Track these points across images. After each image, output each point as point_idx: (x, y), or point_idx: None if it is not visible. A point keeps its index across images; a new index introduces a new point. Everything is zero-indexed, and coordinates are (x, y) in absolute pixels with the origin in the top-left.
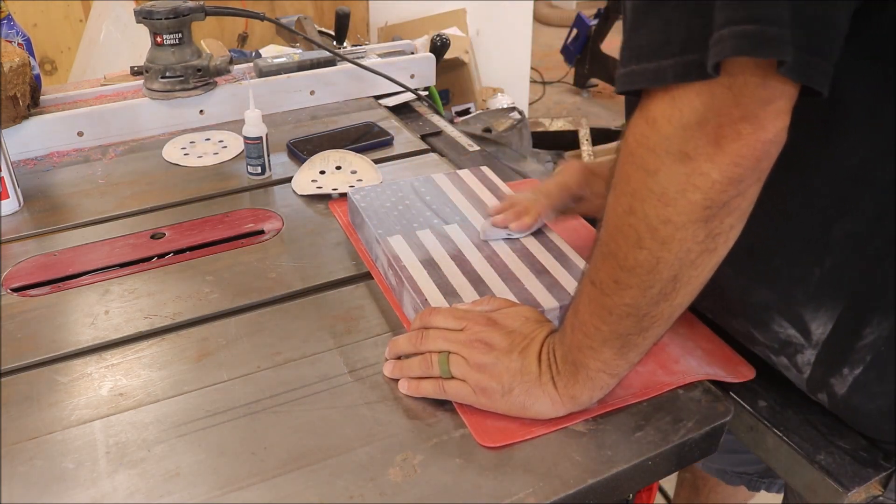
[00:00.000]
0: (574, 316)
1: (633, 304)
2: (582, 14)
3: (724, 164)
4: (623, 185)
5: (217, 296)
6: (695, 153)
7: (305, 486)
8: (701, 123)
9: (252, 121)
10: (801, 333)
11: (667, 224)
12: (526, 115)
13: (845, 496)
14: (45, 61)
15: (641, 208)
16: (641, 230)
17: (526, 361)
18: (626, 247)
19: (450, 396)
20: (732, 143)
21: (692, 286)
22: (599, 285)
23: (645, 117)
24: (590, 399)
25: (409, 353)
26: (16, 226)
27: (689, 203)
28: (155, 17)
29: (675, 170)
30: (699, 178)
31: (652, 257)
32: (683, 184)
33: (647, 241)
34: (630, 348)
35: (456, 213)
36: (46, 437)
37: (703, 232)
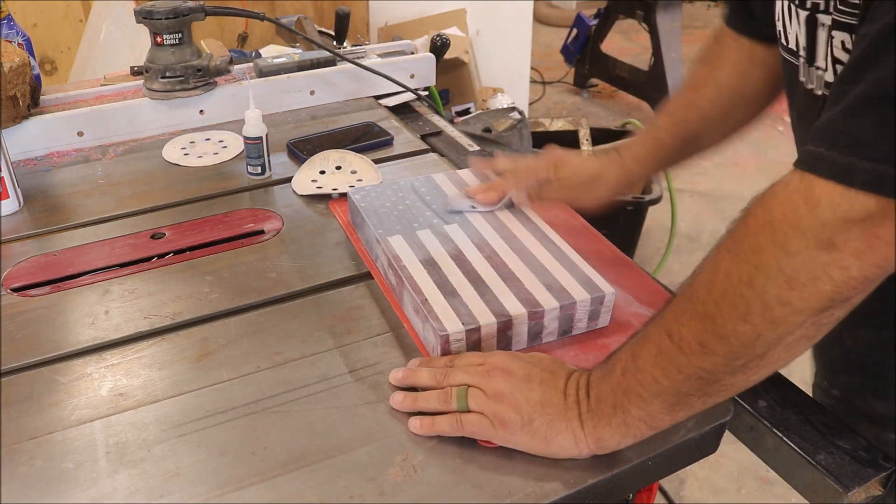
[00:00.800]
0: (631, 360)
1: (710, 371)
2: (582, 14)
3: (868, 264)
4: (750, 255)
5: (217, 296)
6: (843, 246)
7: (305, 486)
8: (863, 221)
9: (252, 121)
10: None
11: (784, 306)
12: (526, 115)
13: (845, 496)
14: (45, 61)
15: (763, 284)
16: (754, 305)
17: (548, 393)
18: (729, 315)
19: (467, 432)
20: (885, 247)
21: (775, 366)
22: (678, 341)
23: (805, 197)
24: (617, 445)
25: (428, 387)
26: (16, 226)
27: (816, 291)
28: (155, 17)
29: (816, 257)
30: (838, 270)
31: (754, 333)
32: (819, 272)
33: (756, 317)
34: (683, 408)
35: (456, 213)
36: (46, 437)
37: (813, 320)
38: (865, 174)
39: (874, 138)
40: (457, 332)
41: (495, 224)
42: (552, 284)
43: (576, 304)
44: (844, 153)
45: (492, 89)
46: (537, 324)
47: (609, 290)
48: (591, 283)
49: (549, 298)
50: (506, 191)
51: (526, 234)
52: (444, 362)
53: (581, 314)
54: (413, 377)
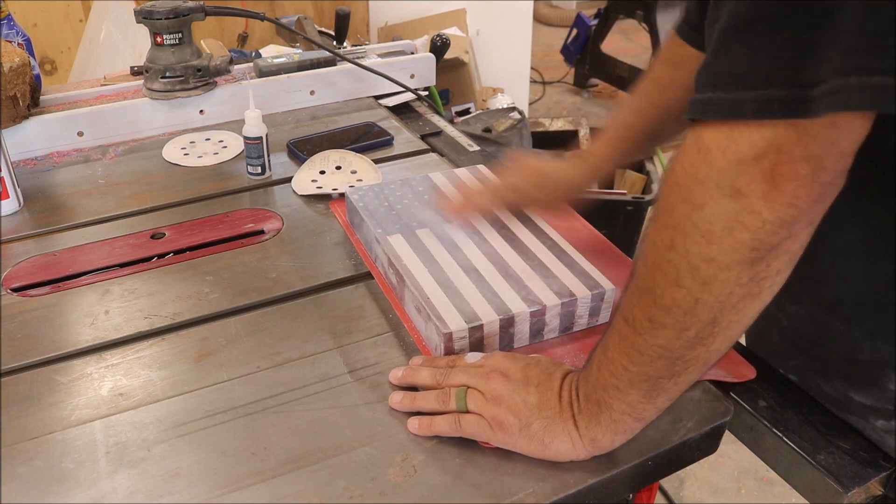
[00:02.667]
0: (602, 353)
1: (666, 346)
2: (582, 14)
3: (778, 205)
4: (665, 217)
5: (217, 296)
6: (747, 190)
7: (305, 486)
8: (758, 159)
9: (252, 121)
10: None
11: (709, 263)
12: (526, 115)
13: (845, 496)
14: (45, 61)
15: (683, 244)
16: (681, 267)
17: (544, 396)
18: (663, 283)
19: (465, 433)
20: (789, 183)
21: (731, 332)
22: (632, 323)
23: (697, 147)
24: (611, 443)
25: (428, 387)
26: (16, 226)
27: (735, 242)
28: (155, 17)
29: (723, 205)
30: (749, 216)
31: (690, 297)
32: (731, 221)
33: (686, 279)
34: (659, 393)
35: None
36: (46, 437)
37: (747, 275)
38: (752, 104)
39: (748, 66)
40: (460, 329)
41: (495, 222)
42: (553, 282)
43: (577, 300)
44: (728, 90)
45: (492, 89)
46: (539, 321)
47: (609, 287)
48: (592, 280)
49: (551, 295)
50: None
51: (525, 232)
52: (445, 362)
53: (582, 311)
54: (413, 377)
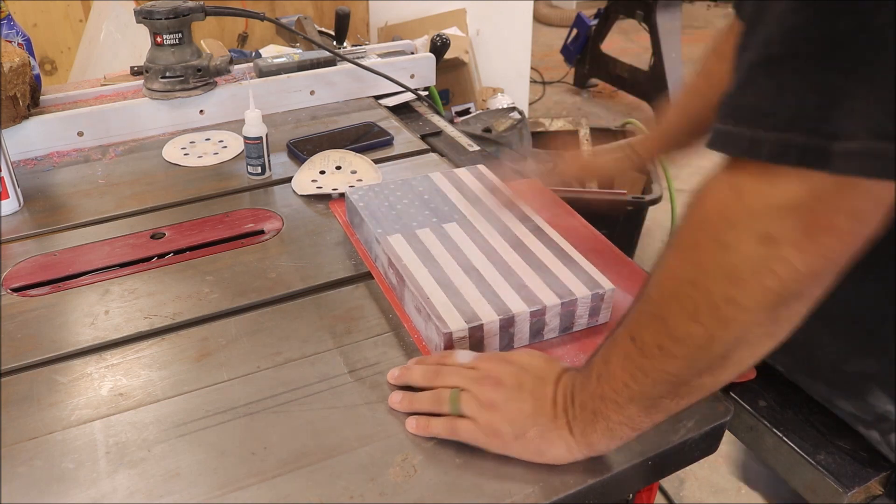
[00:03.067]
0: (604, 365)
1: (674, 374)
2: (582, 14)
3: (811, 256)
4: (690, 252)
5: (217, 296)
6: (780, 237)
7: (305, 486)
8: (797, 208)
9: (252, 121)
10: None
11: (731, 304)
12: (526, 115)
13: (845, 496)
14: (45, 61)
15: (706, 282)
16: (701, 305)
17: (538, 403)
18: (679, 316)
19: (460, 437)
20: (825, 236)
21: (742, 365)
22: (640, 345)
23: (731, 185)
24: (607, 448)
25: (420, 386)
26: (16, 226)
27: (761, 288)
28: (155, 17)
29: (754, 250)
30: (779, 264)
31: (706, 334)
32: (760, 267)
33: (704, 317)
34: (659, 411)
35: (454, 212)
36: (46, 437)
37: (768, 317)
38: (769, 146)
39: (771, 105)
40: (460, 329)
41: (495, 222)
42: (553, 282)
43: (577, 300)
44: (748, 127)
45: (492, 89)
46: (539, 321)
47: (609, 287)
48: (592, 280)
49: (551, 295)
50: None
51: (525, 231)
52: (434, 359)
53: (582, 311)
54: (407, 376)
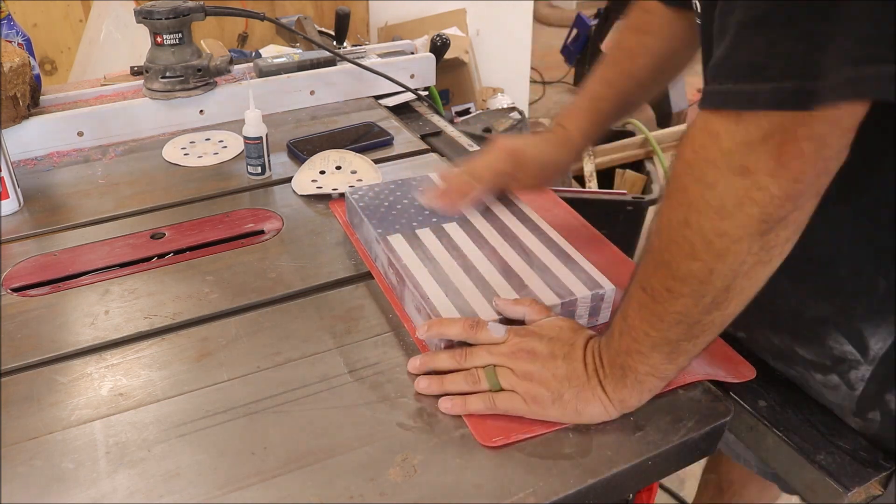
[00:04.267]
0: (623, 321)
1: (684, 313)
2: (582, 14)
3: (785, 181)
4: (679, 195)
5: (217, 296)
6: (755, 168)
7: (305, 486)
8: (765, 139)
9: (252, 121)
10: (859, 349)
11: (722, 237)
12: (526, 115)
13: (845, 496)
14: (45, 61)
15: (697, 220)
16: (696, 242)
17: (571, 366)
18: (679, 257)
19: (500, 410)
20: (794, 161)
21: (745, 295)
22: (651, 292)
23: (706, 130)
24: (638, 401)
25: (449, 369)
26: (16, 226)
27: (746, 217)
28: (155, 17)
29: (734, 183)
30: (758, 192)
31: (706, 268)
32: (741, 197)
33: (701, 252)
34: (679, 354)
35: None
36: (46, 437)
37: (758, 245)
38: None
39: (766, 59)
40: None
41: (495, 222)
42: (553, 282)
43: (577, 300)
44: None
45: (492, 89)
46: None
47: (609, 287)
48: (592, 280)
49: (551, 295)
50: (469, 195)
51: (525, 231)
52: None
53: (582, 310)
54: (433, 361)
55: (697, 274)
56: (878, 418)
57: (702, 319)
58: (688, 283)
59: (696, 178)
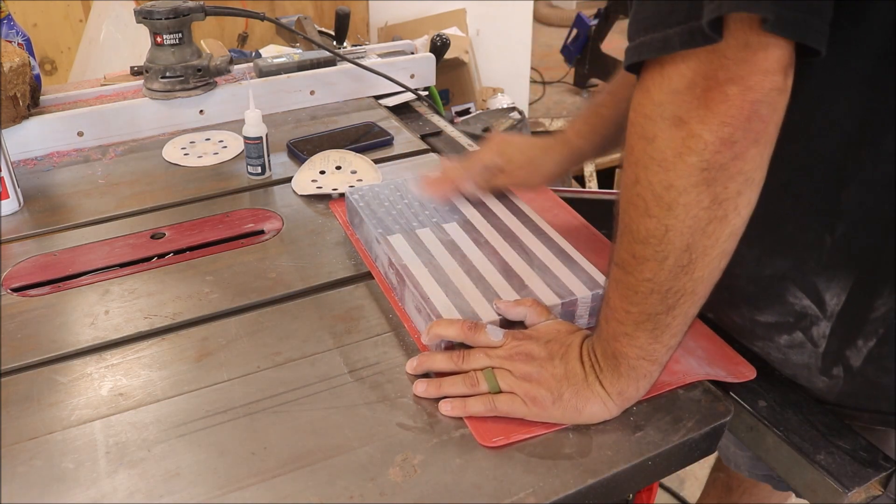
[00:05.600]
0: (606, 305)
1: (652, 279)
2: (582, 14)
3: (714, 125)
4: (628, 156)
5: (217, 296)
6: (687, 116)
7: (305, 486)
8: (689, 87)
9: (252, 121)
10: (816, 304)
11: (669, 189)
12: (526, 115)
13: (845, 496)
14: (45, 61)
15: (645, 176)
16: (648, 198)
17: (569, 365)
18: (636, 217)
19: (501, 412)
20: (720, 105)
21: (708, 257)
22: (621, 264)
23: (639, 87)
24: (636, 391)
25: (446, 371)
26: (16, 226)
27: (686, 166)
28: (155, 17)
29: (670, 134)
30: (693, 140)
31: (661, 225)
32: (679, 147)
33: (653, 208)
34: (662, 329)
35: (454, 212)
36: (46, 437)
37: (707, 197)
38: (678, 37)
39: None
40: None
41: (495, 222)
42: (553, 282)
43: (577, 300)
44: (657, 31)
45: (492, 89)
46: None
47: None
48: (592, 280)
49: (551, 295)
50: (455, 181)
51: (526, 231)
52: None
53: (582, 311)
54: (429, 363)
55: (654, 232)
56: (841, 374)
57: (672, 286)
58: (648, 245)
59: (638, 134)
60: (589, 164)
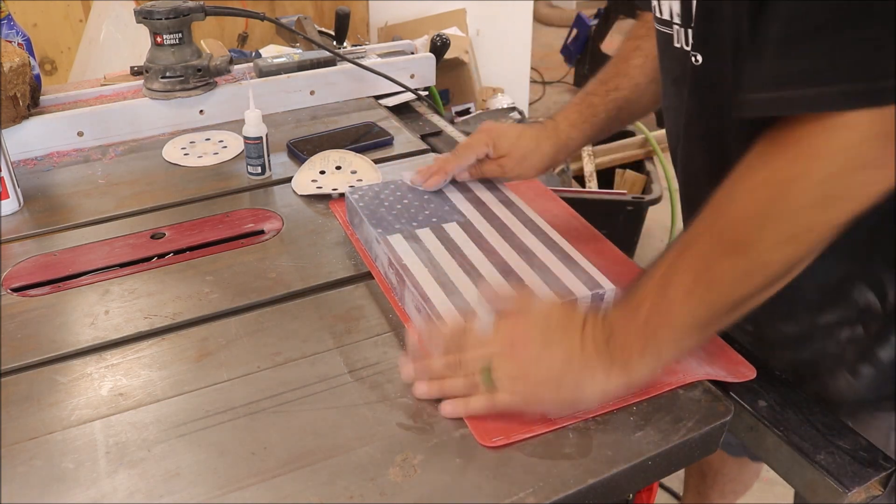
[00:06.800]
0: (661, 296)
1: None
2: (582, 14)
3: None
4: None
5: (217, 296)
6: (882, 161)
7: (305, 486)
8: (881, 135)
9: (252, 121)
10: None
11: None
12: (526, 115)
13: (845, 496)
14: (45, 61)
15: (806, 213)
16: (798, 231)
17: (567, 354)
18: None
19: (502, 408)
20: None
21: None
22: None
23: (845, 128)
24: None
25: (444, 376)
26: (16, 226)
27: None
28: (155, 17)
29: (864, 177)
30: (888, 182)
31: (798, 255)
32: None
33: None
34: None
35: (454, 212)
36: (46, 437)
37: None
38: (842, 96)
39: (824, 62)
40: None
41: (495, 222)
42: (553, 282)
43: (577, 300)
44: (811, 86)
45: (492, 89)
46: None
47: (609, 287)
48: (592, 280)
49: (551, 295)
50: (447, 170)
51: (526, 231)
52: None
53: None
54: (427, 370)
55: (790, 259)
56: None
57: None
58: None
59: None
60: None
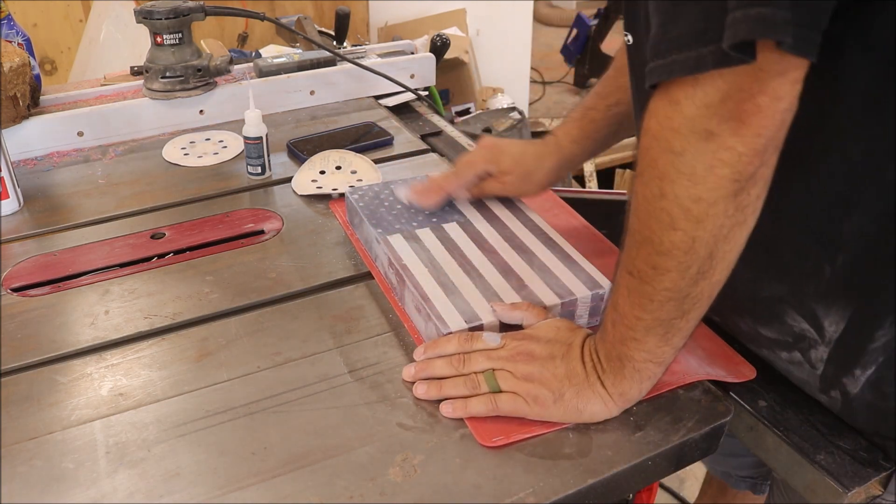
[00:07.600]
0: (614, 310)
1: (672, 288)
2: (582, 14)
3: (749, 137)
4: (650, 170)
5: (217, 296)
6: (719, 129)
7: (305, 486)
8: (724, 101)
9: (252, 121)
10: (815, 329)
11: (698, 202)
12: (526, 115)
13: (845, 496)
14: (45, 61)
15: (672, 190)
16: (674, 212)
17: (570, 365)
18: (660, 230)
19: (502, 411)
20: (754, 117)
21: (726, 261)
22: (637, 274)
23: (668, 100)
24: (639, 392)
25: (447, 375)
26: (16, 226)
27: (718, 179)
28: (155, 17)
29: (701, 148)
30: (725, 153)
31: (687, 237)
32: (711, 160)
33: (680, 221)
34: (674, 333)
35: (454, 212)
36: (46, 437)
37: (733, 206)
38: (713, 55)
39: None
40: (460, 329)
41: (495, 222)
42: (553, 281)
43: (577, 300)
44: (690, 49)
45: (492, 89)
46: None
47: (609, 287)
48: (592, 280)
49: (551, 295)
50: (445, 189)
51: (525, 232)
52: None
53: (582, 310)
54: (429, 369)
55: (680, 245)
56: (838, 398)
57: (691, 293)
58: (672, 256)
59: (663, 148)
60: (589, 163)
